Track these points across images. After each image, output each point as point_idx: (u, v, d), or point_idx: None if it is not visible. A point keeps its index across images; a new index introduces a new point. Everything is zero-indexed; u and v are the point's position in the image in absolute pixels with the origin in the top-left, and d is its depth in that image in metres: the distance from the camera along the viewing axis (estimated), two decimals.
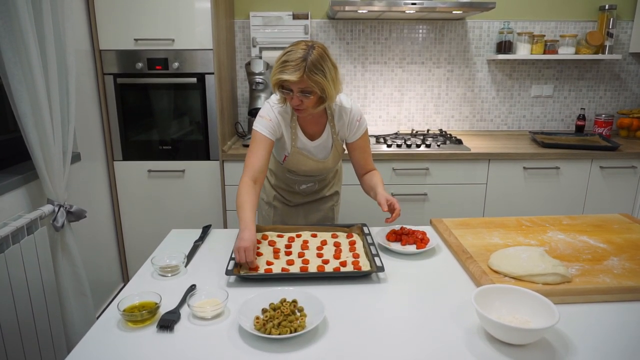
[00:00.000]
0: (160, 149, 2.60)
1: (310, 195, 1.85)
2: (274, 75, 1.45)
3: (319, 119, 1.64)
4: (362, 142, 1.68)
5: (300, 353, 0.96)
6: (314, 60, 1.40)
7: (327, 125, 1.64)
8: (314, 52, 1.41)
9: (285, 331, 0.99)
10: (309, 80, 1.40)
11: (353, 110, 1.63)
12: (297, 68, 1.39)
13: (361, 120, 1.64)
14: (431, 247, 1.44)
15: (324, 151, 1.68)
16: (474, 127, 3.22)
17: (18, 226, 1.61)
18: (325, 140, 1.66)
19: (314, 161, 1.67)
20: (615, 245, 1.42)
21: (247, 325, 1.01)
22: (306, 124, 1.64)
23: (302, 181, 1.79)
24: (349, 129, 1.64)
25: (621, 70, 3.14)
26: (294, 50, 1.42)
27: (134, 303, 1.10)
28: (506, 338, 0.97)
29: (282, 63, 1.42)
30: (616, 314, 1.10)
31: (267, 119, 1.57)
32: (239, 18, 2.96)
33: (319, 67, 1.41)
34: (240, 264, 1.29)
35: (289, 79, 1.40)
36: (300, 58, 1.39)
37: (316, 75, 1.41)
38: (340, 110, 1.62)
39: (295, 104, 1.48)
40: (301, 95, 1.45)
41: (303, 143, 1.64)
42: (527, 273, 1.19)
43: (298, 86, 1.43)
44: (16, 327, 1.60)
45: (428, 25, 3.03)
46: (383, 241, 1.48)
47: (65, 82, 1.88)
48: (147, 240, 2.62)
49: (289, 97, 1.49)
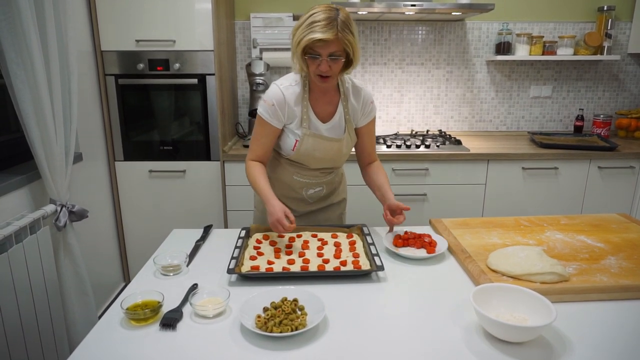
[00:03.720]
0: (161, 150, 2.62)
1: (318, 202, 1.73)
2: (301, 37, 1.36)
3: (331, 98, 1.55)
4: (372, 126, 1.63)
5: (301, 351, 0.97)
6: (344, 19, 1.35)
7: (340, 104, 1.56)
8: (341, 12, 1.36)
9: (287, 329, 1.00)
10: (342, 39, 1.34)
11: (366, 90, 1.58)
12: (331, 27, 1.32)
13: (373, 104, 1.60)
14: (441, 251, 1.40)
15: (338, 132, 1.59)
16: (473, 128, 3.24)
17: (21, 226, 1.62)
18: (338, 122, 1.57)
19: (328, 141, 1.56)
20: (612, 244, 1.44)
21: (248, 323, 1.02)
22: (318, 104, 1.55)
23: (310, 184, 1.67)
24: (362, 110, 1.58)
25: (619, 70, 3.15)
26: (318, 11, 1.35)
27: (137, 302, 1.11)
28: (504, 336, 0.98)
29: (310, 24, 1.34)
30: (613, 312, 1.11)
31: (270, 103, 1.50)
32: (239, 19, 2.98)
33: (349, 26, 1.36)
34: (240, 267, 1.30)
35: (324, 38, 1.32)
36: (331, 17, 1.33)
37: (348, 34, 1.35)
38: (353, 89, 1.56)
39: (324, 69, 1.39)
40: (330, 60, 1.37)
41: (315, 125, 1.55)
42: (525, 272, 1.20)
43: (329, 49, 1.36)
44: (19, 326, 1.61)
45: (427, 27, 3.04)
46: (391, 246, 1.44)
47: (67, 82, 1.90)
48: (148, 240, 2.63)
49: (314, 64, 1.40)
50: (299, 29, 1.37)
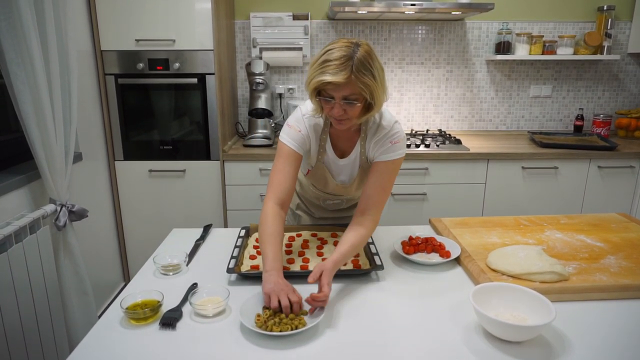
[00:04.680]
0: (161, 149, 2.62)
1: (337, 212, 1.64)
2: (312, 78, 1.20)
3: (352, 135, 1.40)
4: (385, 168, 1.34)
5: (301, 350, 0.97)
6: (362, 59, 1.16)
7: (358, 143, 1.40)
8: (360, 49, 1.17)
9: (286, 328, 1.00)
10: (357, 82, 1.16)
11: (390, 129, 1.34)
12: (343, 68, 1.15)
13: (396, 144, 1.33)
14: (456, 255, 1.36)
15: (351, 171, 1.46)
16: (473, 127, 3.24)
17: (21, 225, 1.62)
18: (354, 160, 1.43)
19: (334, 183, 1.48)
20: (612, 244, 1.44)
21: (248, 322, 1.02)
22: (337, 139, 1.41)
23: (327, 198, 1.61)
24: (377, 145, 1.35)
25: (619, 70, 3.15)
26: (335, 48, 1.18)
27: (137, 301, 1.11)
28: (504, 335, 0.98)
29: (322, 63, 1.17)
30: (612, 311, 1.11)
31: (297, 129, 1.35)
32: (239, 19, 2.98)
33: (367, 67, 1.17)
34: (240, 266, 1.30)
35: (334, 81, 1.15)
36: (346, 56, 1.15)
37: (365, 76, 1.16)
38: (377, 129, 1.36)
39: (337, 114, 1.22)
40: (344, 104, 1.20)
41: (329, 159, 1.43)
42: (524, 271, 1.20)
43: (342, 92, 1.18)
44: (19, 326, 1.61)
45: (427, 26, 3.04)
46: (402, 253, 1.38)
47: (67, 82, 1.90)
48: (147, 239, 2.63)
49: (328, 107, 1.24)
50: (313, 66, 1.21)
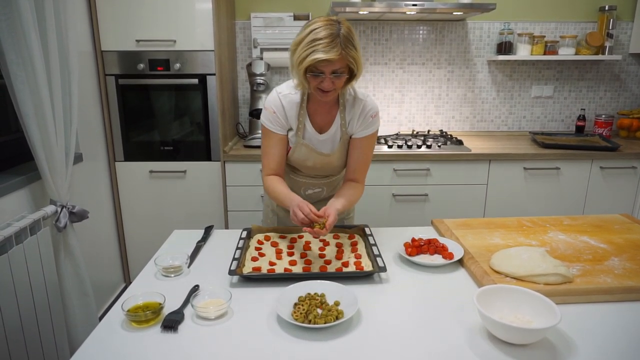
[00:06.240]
0: (162, 150, 2.61)
1: (319, 203, 1.66)
2: (304, 57, 1.28)
3: (330, 108, 1.51)
4: (367, 142, 1.52)
5: (303, 351, 0.97)
6: (346, 34, 1.28)
7: (338, 116, 1.51)
8: (343, 26, 1.29)
9: (330, 319, 1.03)
10: (347, 56, 1.28)
11: (368, 102, 1.50)
12: (334, 45, 1.26)
13: (375, 118, 1.50)
14: (459, 257, 1.35)
15: (331, 145, 1.55)
16: (474, 128, 3.23)
17: (21, 227, 1.61)
18: (334, 134, 1.53)
19: (318, 154, 1.54)
20: (615, 245, 1.43)
21: (286, 315, 1.05)
22: (316, 114, 1.51)
23: (308, 184, 1.66)
24: (360, 121, 1.50)
25: (621, 70, 3.15)
26: (319, 27, 1.28)
27: (138, 303, 1.10)
28: (508, 338, 0.98)
29: (311, 42, 1.27)
30: (617, 313, 1.10)
31: (271, 110, 1.48)
32: (240, 19, 2.97)
33: (351, 41, 1.29)
34: (242, 268, 1.29)
35: (328, 58, 1.26)
36: (333, 34, 1.26)
37: (352, 50, 1.29)
38: (354, 101, 1.49)
39: (327, 87, 1.34)
40: (333, 77, 1.32)
41: (310, 135, 1.52)
42: (528, 273, 1.19)
43: (333, 67, 1.29)
44: (19, 327, 1.60)
45: (428, 26, 3.03)
46: (405, 255, 1.38)
47: (67, 83, 1.89)
48: (148, 240, 2.63)
49: (316, 81, 1.34)
50: (300, 45, 1.30)
